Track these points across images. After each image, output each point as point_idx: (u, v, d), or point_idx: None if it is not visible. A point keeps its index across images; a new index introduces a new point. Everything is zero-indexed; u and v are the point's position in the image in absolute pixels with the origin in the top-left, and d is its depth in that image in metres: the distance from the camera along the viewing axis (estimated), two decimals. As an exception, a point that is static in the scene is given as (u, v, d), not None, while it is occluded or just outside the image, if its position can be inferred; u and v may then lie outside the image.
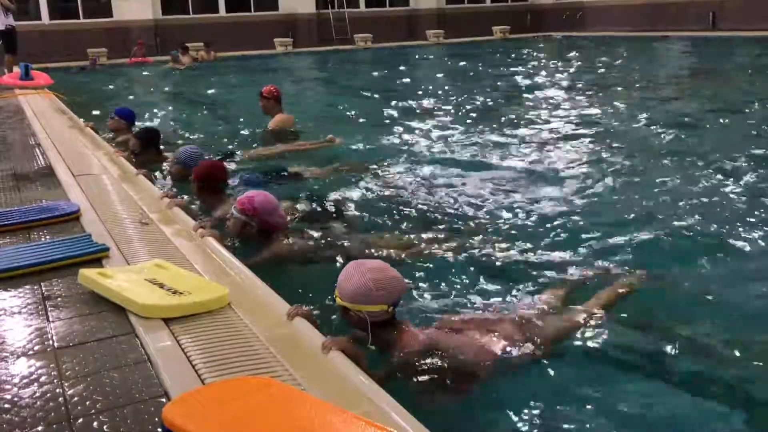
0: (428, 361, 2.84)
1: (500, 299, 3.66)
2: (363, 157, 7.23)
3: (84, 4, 23.72)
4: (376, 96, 12.70)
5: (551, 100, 11.20)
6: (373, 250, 4.23)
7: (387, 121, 9.62)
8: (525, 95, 12.08)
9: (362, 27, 26.11)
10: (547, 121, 9.21)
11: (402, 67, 18.21)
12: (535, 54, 20.80)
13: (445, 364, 2.85)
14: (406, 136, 8.46)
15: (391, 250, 4.26)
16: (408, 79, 15.30)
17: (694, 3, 24.63)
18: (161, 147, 6.84)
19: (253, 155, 7.24)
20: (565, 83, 13.41)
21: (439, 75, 16.08)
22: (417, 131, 8.79)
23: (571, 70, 15.81)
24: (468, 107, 10.92)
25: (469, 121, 9.49)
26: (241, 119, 9.84)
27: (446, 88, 13.64)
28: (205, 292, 3.10)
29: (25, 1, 22.54)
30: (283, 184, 5.93)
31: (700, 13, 24.12)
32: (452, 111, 10.55)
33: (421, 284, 3.85)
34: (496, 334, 3.09)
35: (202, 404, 2.15)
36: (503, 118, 9.53)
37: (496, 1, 30.52)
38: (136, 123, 8.04)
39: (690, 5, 24.71)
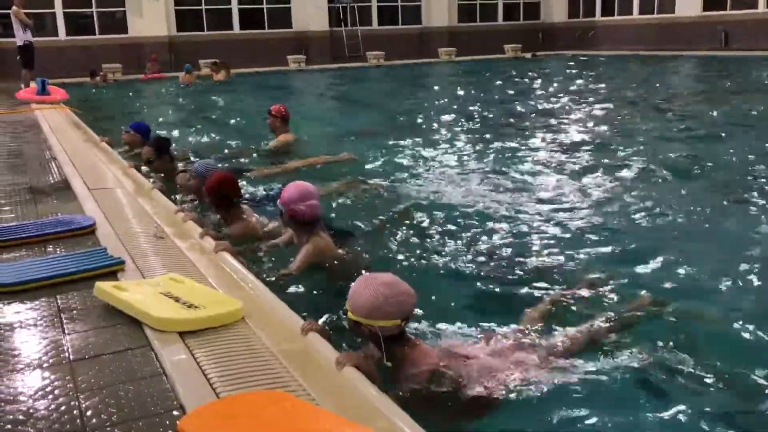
0: (439, 377, 2.83)
1: (510, 316, 3.66)
2: (375, 173, 7.25)
3: (100, 21, 24.04)
4: (387, 113, 12.74)
5: (563, 119, 11.20)
6: (383, 264, 4.24)
7: (399, 138, 9.63)
8: (536, 113, 12.09)
9: (375, 44, 26.27)
10: (560, 141, 9.21)
11: (414, 85, 18.28)
12: (546, 72, 20.83)
13: (456, 382, 2.85)
14: (418, 153, 8.48)
15: (402, 264, 4.27)
16: (420, 97, 15.35)
17: (706, 23, 24.67)
18: (178, 162, 6.93)
19: (265, 172, 7.28)
20: (577, 102, 13.41)
21: (452, 92, 16.13)
22: (429, 148, 8.80)
23: (584, 88, 15.83)
24: (480, 124, 10.95)
25: (480, 138, 9.49)
26: (252, 135, 9.89)
27: (458, 105, 13.67)
28: (219, 306, 3.11)
29: (42, 17, 22.87)
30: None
31: (712, 32, 24.14)
32: (464, 128, 10.57)
33: (433, 299, 3.84)
34: (506, 351, 3.09)
35: (217, 418, 2.17)
36: (515, 136, 9.54)
37: (508, 19, 30.68)
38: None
39: (702, 25, 24.75)
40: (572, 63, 23.30)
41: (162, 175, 6.63)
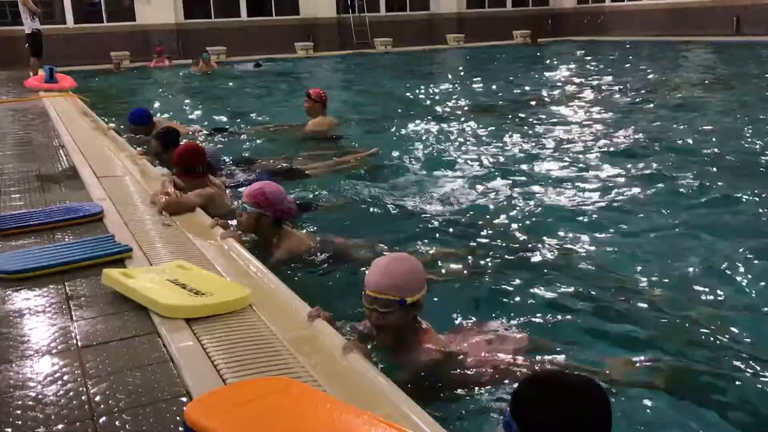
0: (447, 363, 2.85)
1: (513, 306, 3.67)
2: (380, 158, 7.24)
3: (108, 8, 24.02)
4: (395, 99, 12.70)
5: (572, 106, 11.14)
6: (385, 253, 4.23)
7: (408, 124, 9.60)
8: (546, 99, 12.03)
9: (382, 31, 26.12)
10: (569, 127, 9.16)
11: (423, 71, 18.20)
12: (555, 58, 20.69)
13: (462, 368, 2.86)
14: (422, 138, 8.46)
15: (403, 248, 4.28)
16: (428, 83, 15.28)
17: (718, 8, 24.38)
18: None
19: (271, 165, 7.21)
20: (585, 88, 13.32)
21: (460, 78, 16.05)
22: (438, 135, 8.77)
23: (592, 75, 15.72)
24: (488, 111, 10.89)
25: (484, 123, 9.43)
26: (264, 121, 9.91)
27: (467, 91, 13.61)
28: (226, 293, 3.11)
29: (51, 5, 22.86)
30: (290, 180, 5.99)
31: (724, 17, 23.86)
32: (472, 115, 10.52)
33: (437, 289, 3.84)
34: (508, 340, 3.10)
35: (224, 404, 2.17)
36: (524, 123, 9.50)
37: (516, 5, 30.43)
38: (155, 118, 8.08)
39: (714, 10, 24.46)
40: (579, 49, 23.12)
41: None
